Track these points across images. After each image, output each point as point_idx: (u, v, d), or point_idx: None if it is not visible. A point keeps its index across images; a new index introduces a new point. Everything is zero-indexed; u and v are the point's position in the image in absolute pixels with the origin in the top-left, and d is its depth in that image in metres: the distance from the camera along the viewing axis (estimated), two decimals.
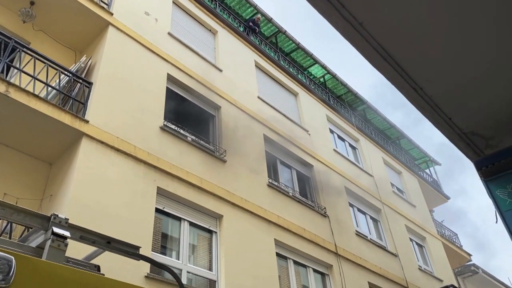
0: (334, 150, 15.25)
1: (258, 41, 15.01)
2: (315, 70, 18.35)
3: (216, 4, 13.91)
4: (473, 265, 19.26)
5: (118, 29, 9.48)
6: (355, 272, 11.85)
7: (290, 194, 11.58)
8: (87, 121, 7.58)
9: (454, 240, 20.93)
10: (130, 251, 2.75)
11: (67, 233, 2.40)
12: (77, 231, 2.55)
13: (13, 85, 6.79)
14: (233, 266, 8.51)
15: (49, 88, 7.69)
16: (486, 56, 2.86)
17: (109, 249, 2.68)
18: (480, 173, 3.31)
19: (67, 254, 2.50)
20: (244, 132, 11.16)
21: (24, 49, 7.59)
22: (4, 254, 1.87)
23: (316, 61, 17.66)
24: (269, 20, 15.91)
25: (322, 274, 11.08)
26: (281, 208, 10.73)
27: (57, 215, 2.46)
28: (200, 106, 10.70)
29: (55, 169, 7.75)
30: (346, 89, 18.85)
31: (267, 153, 11.78)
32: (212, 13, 13.10)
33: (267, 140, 11.99)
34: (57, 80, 7.86)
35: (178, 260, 7.93)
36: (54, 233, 2.35)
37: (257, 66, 13.95)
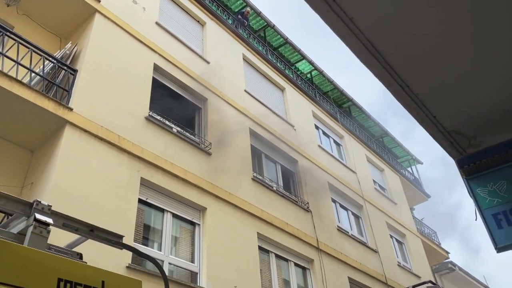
0: (319, 146, 15.35)
1: (247, 35, 14.96)
2: (303, 66, 18.39)
3: None
4: (450, 263, 19.65)
5: (105, 17, 9.33)
6: (336, 267, 11.98)
7: (274, 189, 11.63)
8: (71, 109, 7.47)
9: (433, 238, 21.32)
10: (113, 240, 2.74)
11: (50, 220, 2.38)
12: (60, 218, 2.52)
13: None
14: (215, 259, 8.52)
15: (33, 74, 7.55)
16: (472, 57, 2.91)
17: (92, 237, 2.66)
18: (462, 171, 3.38)
19: (49, 242, 2.47)
20: (230, 126, 11.14)
21: (8, 33, 7.42)
22: None
23: (304, 57, 17.69)
24: (258, 14, 15.86)
25: (303, 268, 11.18)
26: (265, 202, 10.77)
27: (40, 202, 2.43)
28: (186, 98, 10.63)
29: (37, 157, 7.63)
30: (333, 86, 18.94)
31: (253, 147, 11.79)
32: (201, 4, 12.99)
33: (253, 134, 12.00)
34: (41, 66, 7.71)
35: (160, 252, 7.90)
36: (37, 220, 2.32)
37: (245, 60, 13.91)
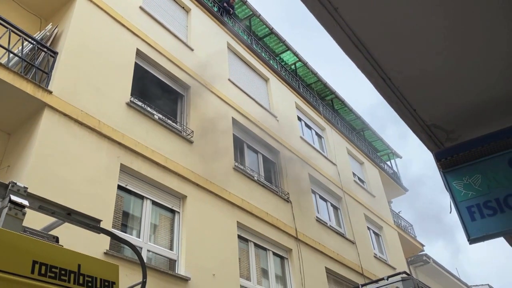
0: (301, 138, 15.43)
1: (232, 23, 14.84)
2: (287, 57, 18.37)
3: None
4: (425, 255, 20.11)
5: None
6: (313, 257, 12.14)
7: (255, 178, 11.66)
8: (50, 92, 7.32)
9: (409, 231, 21.77)
10: (91, 224, 2.71)
11: (26, 202, 2.34)
12: (36, 201, 2.48)
13: None
14: (194, 247, 8.53)
15: (11, 55, 7.35)
16: (452, 52, 2.95)
17: (69, 221, 2.63)
18: (439, 164, 3.45)
19: (25, 224, 2.43)
20: (213, 114, 11.09)
21: None
22: None
23: (289, 48, 17.66)
24: (244, 3, 15.74)
25: (282, 258, 11.29)
26: (245, 192, 10.80)
27: (16, 183, 2.39)
28: (169, 85, 10.52)
29: (14, 140, 7.46)
30: (316, 78, 19.00)
31: (235, 137, 11.78)
32: None
33: (236, 124, 11.98)
34: (20, 47, 7.52)
35: (139, 239, 7.87)
36: (12, 201, 2.28)
37: (229, 48, 13.82)
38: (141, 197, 8.34)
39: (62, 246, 2.45)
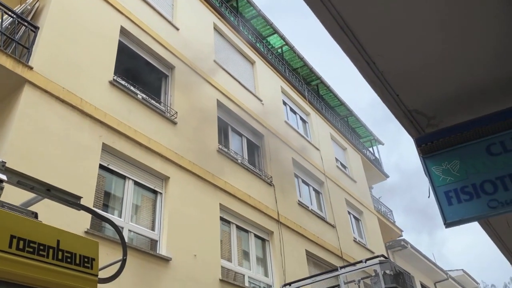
0: (285, 122, 15.46)
1: (219, 3, 14.64)
2: (274, 40, 18.25)
3: None
4: (403, 241, 20.55)
5: None
6: (294, 240, 12.30)
7: (239, 161, 11.68)
8: (31, 68, 7.15)
9: (389, 216, 22.18)
10: (71, 201, 2.68)
11: (4, 177, 2.30)
12: (15, 176, 2.45)
13: None
14: (176, 228, 8.55)
15: None
16: (437, 41, 2.97)
17: (49, 197, 2.60)
18: (419, 150, 3.50)
19: (3, 199, 2.40)
20: (197, 95, 11.00)
21: None
22: None
23: (276, 31, 17.54)
24: None
25: (263, 240, 11.41)
26: (229, 174, 10.82)
27: None
28: (153, 64, 10.37)
29: None
30: (302, 63, 18.97)
31: (219, 119, 11.73)
32: None
33: (220, 106, 11.92)
34: None
35: (120, 219, 7.84)
36: None
37: (216, 29, 13.65)
38: (123, 177, 8.28)
39: (41, 222, 2.43)
